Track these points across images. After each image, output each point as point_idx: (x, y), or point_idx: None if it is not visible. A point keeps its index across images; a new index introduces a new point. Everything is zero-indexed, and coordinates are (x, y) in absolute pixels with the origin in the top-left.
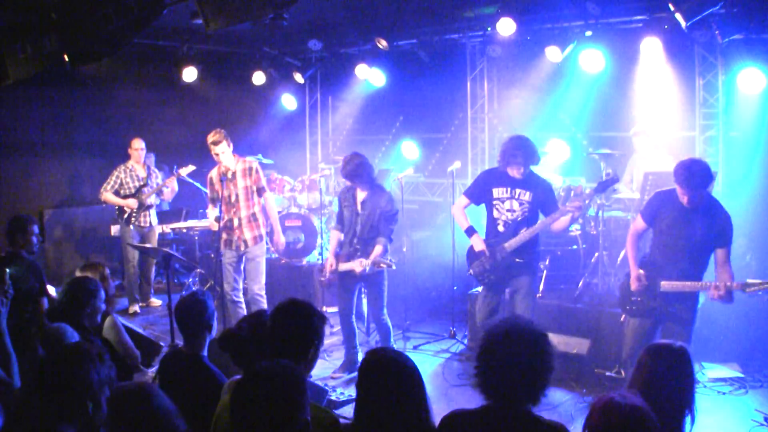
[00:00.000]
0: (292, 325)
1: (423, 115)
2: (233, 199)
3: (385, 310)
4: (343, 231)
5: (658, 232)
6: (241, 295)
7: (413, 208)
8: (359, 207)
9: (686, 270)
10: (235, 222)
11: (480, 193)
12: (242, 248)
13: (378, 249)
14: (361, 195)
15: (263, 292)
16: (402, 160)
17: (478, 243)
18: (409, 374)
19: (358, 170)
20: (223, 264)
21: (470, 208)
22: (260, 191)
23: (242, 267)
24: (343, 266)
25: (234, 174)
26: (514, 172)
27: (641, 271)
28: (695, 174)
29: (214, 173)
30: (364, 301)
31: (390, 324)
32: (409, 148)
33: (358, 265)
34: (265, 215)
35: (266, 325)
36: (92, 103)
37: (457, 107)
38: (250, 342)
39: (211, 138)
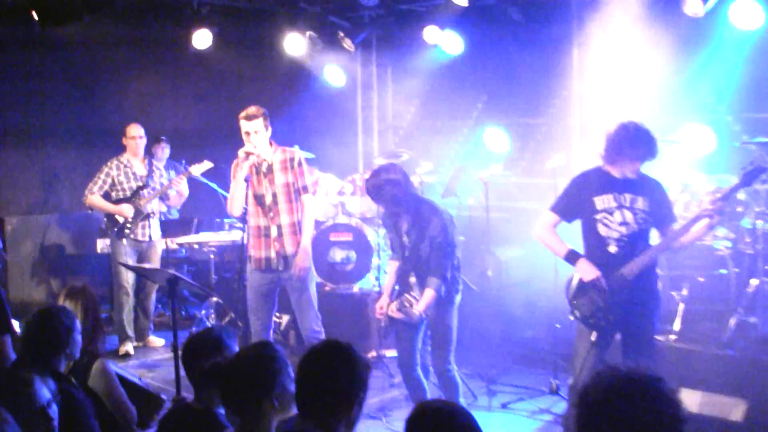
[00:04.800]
0: (327, 375)
1: (514, 93)
2: (269, 200)
3: (451, 358)
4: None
5: None
6: (271, 333)
7: (501, 217)
8: (404, 237)
9: None
10: (273, 231)
11: (575, 205)
12: (280, 267)
13: (428, 294)
14: (405, 221)
15: (321, 325)
16: (486, 153)
17: (589, 270)
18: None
19: (380, 192)
20: (248, 292)
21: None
22: (304, 190)
23: (277, 297)
24: (391, 312)
25: (270, 167)
26: (626, 171)
27: None
28: None
29: (242, 154)
30: None
31: (458, 377)
32: (496, 138)
33: (393, 311)
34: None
35: (229, 359)
36: (71, 77)
37: (560, 82)
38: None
39: (244, 112)
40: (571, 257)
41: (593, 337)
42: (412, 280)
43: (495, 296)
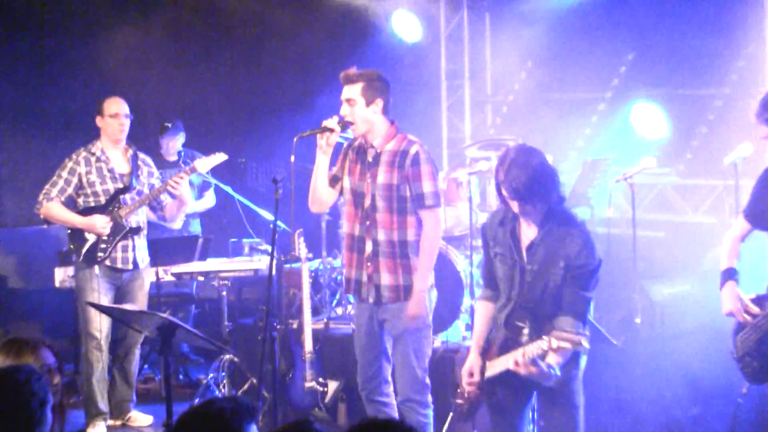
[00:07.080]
0: None
1: (673, 52)
2: (368, 202)
3: None
4: (496, 300)
5: None
6: (390, 390)
7: (656, 236)
8: (524, 255)
9: None
10: (368, 246)
11: (761, 207)
12: (371, 299)
13: (566, 339)
14: (528, 232)
15: (426, 396)
16: (632, 141)
17: (727, 298)
18: None
19: (534, 181)
20: (355, 331)
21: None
22: (418, 201)
23: (391, 344)
24: (492, 367)
25: (377, 157)
26: None
27: None
28: None
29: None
30: None
31: None
32: (647, 118)
33: (517, 363)
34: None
35: None
36: (21, 35)
37: (744, 36)
38: None
39: (344, 73)
40: (723, 277)
41: (744, 390)
42: (526, 329)
43: (646, 354)
